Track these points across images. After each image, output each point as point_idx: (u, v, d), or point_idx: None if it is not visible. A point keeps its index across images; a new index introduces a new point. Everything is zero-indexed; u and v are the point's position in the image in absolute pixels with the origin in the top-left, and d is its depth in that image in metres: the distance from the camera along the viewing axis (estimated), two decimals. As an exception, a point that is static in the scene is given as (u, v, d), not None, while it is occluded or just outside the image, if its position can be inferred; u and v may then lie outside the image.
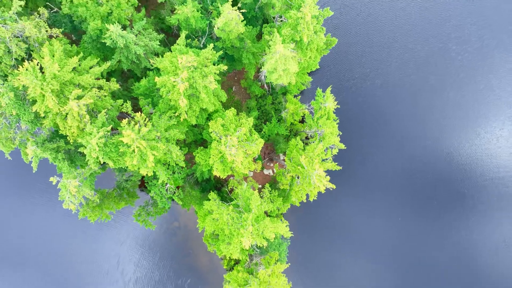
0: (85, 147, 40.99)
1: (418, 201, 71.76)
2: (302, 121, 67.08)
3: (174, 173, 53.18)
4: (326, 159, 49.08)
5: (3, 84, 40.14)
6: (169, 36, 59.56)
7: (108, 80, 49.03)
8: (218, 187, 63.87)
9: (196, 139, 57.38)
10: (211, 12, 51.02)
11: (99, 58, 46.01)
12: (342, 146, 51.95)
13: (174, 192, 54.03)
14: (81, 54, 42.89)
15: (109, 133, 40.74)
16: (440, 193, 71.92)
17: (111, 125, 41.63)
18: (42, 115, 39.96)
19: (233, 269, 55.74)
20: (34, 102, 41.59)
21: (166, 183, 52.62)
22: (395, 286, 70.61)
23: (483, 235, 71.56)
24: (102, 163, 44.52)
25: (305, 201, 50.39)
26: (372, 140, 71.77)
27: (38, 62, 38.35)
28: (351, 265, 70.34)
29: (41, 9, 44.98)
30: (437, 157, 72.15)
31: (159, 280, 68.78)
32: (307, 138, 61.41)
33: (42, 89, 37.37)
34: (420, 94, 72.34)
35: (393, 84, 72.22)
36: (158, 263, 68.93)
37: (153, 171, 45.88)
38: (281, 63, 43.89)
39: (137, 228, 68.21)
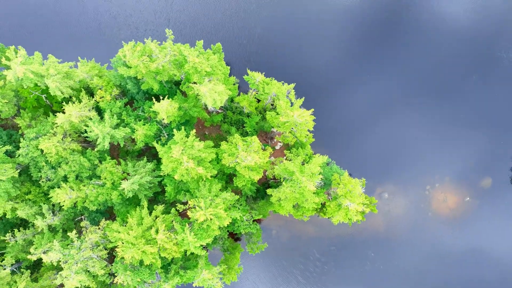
0: (189, 248, 56.21)
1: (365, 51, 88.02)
2: (259, 100, 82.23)
3: (238, 208, 68.38)
4: (292, 103, 64.29)
5: (123, 275, 55.31)
6: (144, 154, 74.64)
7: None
8: (266, 186, 79.07)
9: (226, 179, 72.50)
10: (150, 117, 66.08)
11: (137, 207, 61.21)
12: (292, 86, 67.06)
13: (252, 216, 69.26)
14: (129, 215, 58.10)
15: (189, 227, 55.90)
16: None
17: (186, 223, 56.77)
18: (153, 261, 55.01)
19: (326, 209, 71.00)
20: (141, 262, 56.76)
21: (243, 217, 67.84)
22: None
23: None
24: (202, 247, 59.88)
25: (310, 134, 65.76)
26: (304, 58, 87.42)
27: (122, 241, 53.41)
28: (386, 140, 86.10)
29: (83, 223, 60.24)
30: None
31: (299, 272, 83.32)
32: (272, 105, 76.74)
33: (139, 249, 52.51)
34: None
35: (273, 15, 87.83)
36: (290, 264, 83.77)
37: (231, 217, 61.05)
38: (213, 93, 58.97)
39: (254, 260, 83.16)
